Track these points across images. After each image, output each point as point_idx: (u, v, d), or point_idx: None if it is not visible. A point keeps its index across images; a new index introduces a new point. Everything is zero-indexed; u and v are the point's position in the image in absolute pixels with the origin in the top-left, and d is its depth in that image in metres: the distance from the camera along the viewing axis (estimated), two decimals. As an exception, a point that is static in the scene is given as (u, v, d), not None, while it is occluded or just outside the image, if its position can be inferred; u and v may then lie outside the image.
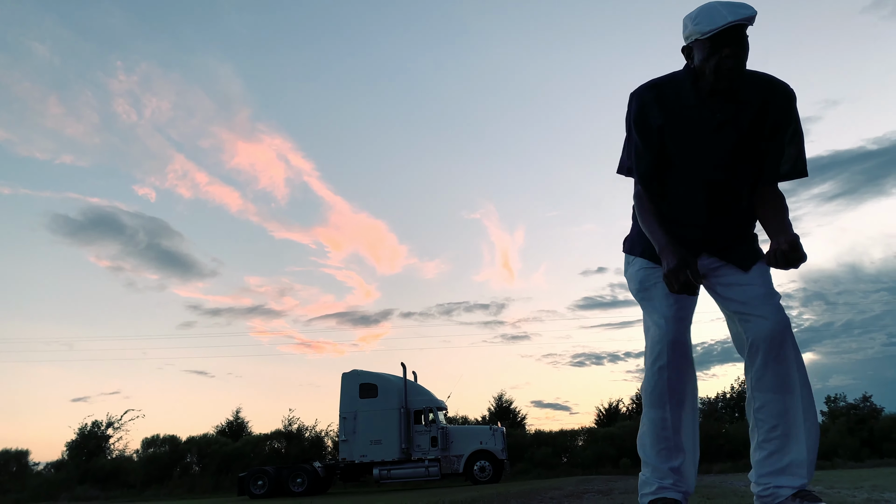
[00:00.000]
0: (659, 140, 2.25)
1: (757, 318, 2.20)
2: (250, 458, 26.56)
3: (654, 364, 2.24)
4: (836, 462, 23.86)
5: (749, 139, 2.20)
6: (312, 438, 28.60)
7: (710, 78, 2.10)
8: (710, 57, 2.07)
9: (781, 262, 2.05)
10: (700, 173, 2.24)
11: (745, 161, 2.22)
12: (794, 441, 2.18)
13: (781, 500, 2.14)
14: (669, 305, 2.26)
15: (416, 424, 18.39)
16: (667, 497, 2.19)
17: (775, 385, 2.19)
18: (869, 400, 28.82)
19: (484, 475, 17.67)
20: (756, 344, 2.20)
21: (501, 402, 31.68)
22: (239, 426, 31.11)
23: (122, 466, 27.86)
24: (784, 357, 2.17)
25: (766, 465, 2.21)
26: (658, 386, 2.23)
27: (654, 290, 2.32)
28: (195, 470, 27.79)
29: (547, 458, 26.49)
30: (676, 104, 2.21)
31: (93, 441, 29.09)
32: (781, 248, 2.03)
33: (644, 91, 2.27)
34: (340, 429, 18.63)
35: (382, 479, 17.84)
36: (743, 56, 2.08)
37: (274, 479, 17.68)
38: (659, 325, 2.24)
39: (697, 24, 2.06)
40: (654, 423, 2.26)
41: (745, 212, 2.31)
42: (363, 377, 18.94)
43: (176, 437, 28.89)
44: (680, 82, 2.23)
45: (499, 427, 18.76)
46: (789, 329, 2.19)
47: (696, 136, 2.21)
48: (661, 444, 2.24)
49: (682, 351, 2.23)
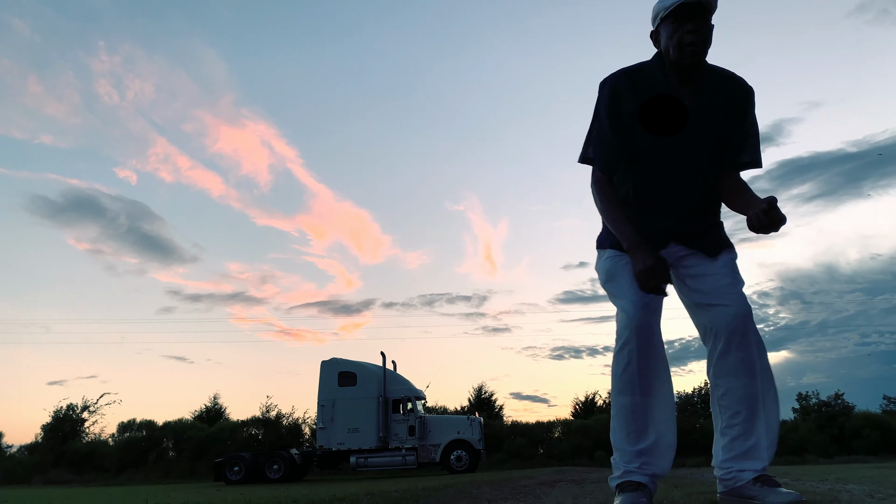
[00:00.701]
0: (630, 127, 2.30)
1: (720, 306, 2.27)
2: (227, 443, 26.47)
3: (622, 350, 2.26)
4: (807, 458, 24.27)
5: (716, 127, 2.29)
6: (290, 426, 28.57)
7: (674, 56, 2.21)
8: (673, 34, 2.18)
9: (765, 224, 2.11)
10: (670, 160, 2.31)
11: (712, 148, 2.32)
12: (756, 426, 2.24)
13: (743, 483, 2.20)
14: (636, 292, 2.28)
15: (395, 413, 18.42)
16: (632, 480, 2.23)
17: (738, 371, 2.25)
18: (840, 398, 29.33)
19: (460, 464, 17.77)
20: (719, 331, 2.26)
21: (481, 393, 31.85)
22: (216, 412, 30.98)
23: (97, 450, 27.66)
24: (747, 343, 2.24)
25: (729, 450, 2.27)
26: (626, 372, 2.25)
27: (621, 278, 2.34)
28: (171, 455, 27.67)
29: (523, 449, 26.70)
30: (650, 91, 2.28)
31: (68, 424, 28.86)
32: (762, 207, 2.10)
33: (618, 78, 2.33)
34: (318, 416, 18.62)
35: (359, 467, 17.88)
36: (705, 34, 2.19)
37: (250, 466, 17.66)
38: (626, 311, 2.26)
39: (661, 2, 2.21)
40: (623, 408, 2.28)
41: (710, 199, 2.40)
42: (342, 365, 18.94)
43: (153, 422, 28.75)
44: (651, 70, 2.31)
45: (476, 417, 18.85)
46: (751, 316, 2.26)
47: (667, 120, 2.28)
48: (628, 428, 2.27)
49: (649, 336, 2.25)
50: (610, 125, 2.32)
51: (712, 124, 2.29)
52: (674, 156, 2.30)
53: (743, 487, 2.20)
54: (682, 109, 2.24)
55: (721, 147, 2.33)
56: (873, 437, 26.21)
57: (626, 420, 2.28)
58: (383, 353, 18.92)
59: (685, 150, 2.30)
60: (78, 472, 25.79)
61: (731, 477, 2.25)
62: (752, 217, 2.15)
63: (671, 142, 2.28)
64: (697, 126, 2.28)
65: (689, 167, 2.32)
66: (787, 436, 27.53)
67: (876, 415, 28.60)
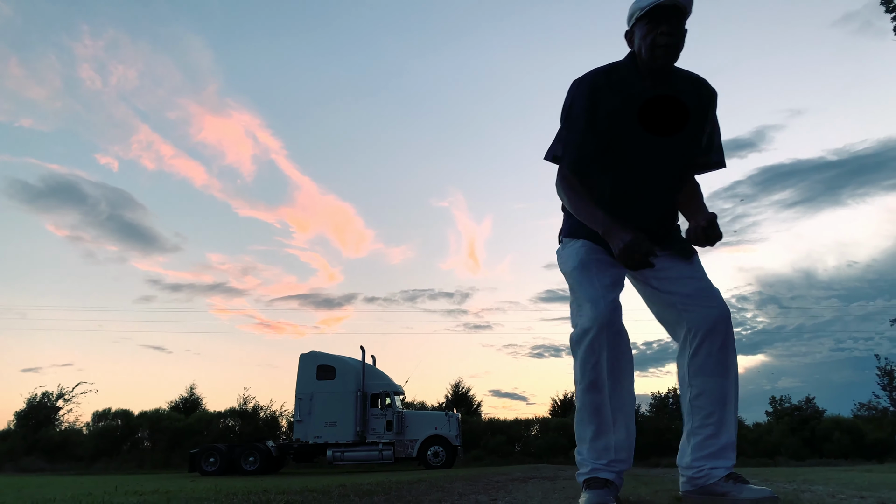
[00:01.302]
0: (607, 125, 2.30)
1: (703, 308, 2.29)
2: (203, 435, 26.32)
3: (591, 344, 2.20)
4: (779, 461, 24.60)
5: (686, 128, 2.32)
6: (267, 418, 28.45)
7: (646, 56, 2.23)
8: (647, 35, 2.21)
9: (701, 238, 2.20)
10: (644, 160, 2.33)
11: (683, 149, 2.35)
12: (726, 426, 2.29)
13: (714, 481, 2.23)
14: (606, 286, 2.28)
15: (373, 408, 18.39)
16: (599, 477, 2.24)
17: (715, 372, 2.28)
18: (812, 402, 29.76)
19: (437, 460, 17.81)
20: (701, 332, 2.28)
21: (458, 390, 31.92)
22: (193, 402, 30.77)
23: (71, 439, 27.39)
24: (727, 344, 2.28)
25: (701, 449, 2.30)
26: (596, 367, 2.21)
27: (592, 270, 2.33)
28: (146, 445, 27.46)
29: (500, 446, 26.82)
30: (625, 89, 2.30)
31: (42, 412, 28.52)
32: (701, 224, 2.19)
33: (596, 77, 2.33)
34: (296, 409, 18.56)
35: (336, 460, 17.85)
36: (678, 37, 2.21)
37: (226, 457, 17.55)
38: (595, 304, 2.21)
39: (637, 2, 2.22)
40: (590, 404, 2.25)
41: (675, 200, 2.44)
42: (321, 359, 18.88)
43: (129, 412, 28.50)
44: (625, 69, 2.33)
45: (454, 414, 18.88)
46: (730, 319, 2.31)
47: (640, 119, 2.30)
48: (595, 424, 2.26)
49: (618, 331, 2.23)
50: (585, 124, 2.32)
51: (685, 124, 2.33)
52: (648, 156, 2.32)
53: (714, 485, 2.23)
54: (679, 107, 2.28)
55: (690, 148, 2.36)
56: (843, 441, 26.65)
57: (593, 415, 2.25)
58: (363, 348, 18.93)
59: (659, 150, 2.32)
60: (51, 461, 25.49)
61: (702, 475, 2.27)
62: (690, 230, 2.23)
63: (646, 142, 2.30)
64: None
65: (662, 167, 2.34)
66: (760, 438, 27.89)
67: (846, 419, 29.08)
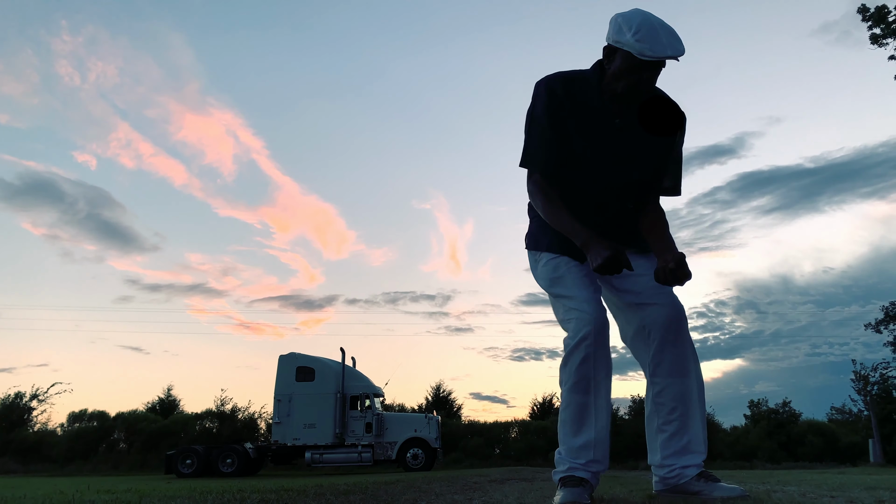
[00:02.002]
0: (564, 131, 2.27)
1: (654, 305, 2.31)
2: (180, 436, 26.04)
3: (579, 346, 2.21)
4: (756, 463, 24.87)
5: (643, 147, 2.29)
6: (246, 419, 28.23)
7: (621, 90, 2.18)
8: (631, 73, 2.13)
9: (670, 279, 2.14)
10: (596, 173, 2.31)
11: (637, 167, 2.32)
12: (691, 420, 2.30)
13: (687, 480, 2.25)
14: (589, 290, 2.30)
15: (352, 410, 18.32)
16: (575, 476, 2.25)
17: (672, 369, 2.31)
18: (788, 405, 30.15)
19: (416, 462, 17.78)
20: (654, 330, 2.31)
21: (439, 392, 31.89)
22: (170, 404, 30.44)
23: (45, 440, 26.99)
24: (681, 341, 2.30)
25: (668, 447, 2.32)
26: (582, 368, 2.23)
27: (568, 278, 2.34)
28: (122, 447, 27.11)
29: (480, 449, 26.84)
30: (582, 101, 2.27)
31: (15, 413, 28.06)
32: (669, 265, 2.13)
33: (554, 82, 2.29)
34: (275, 411, 18.43)
35: (314, 462, 17.75)
36: (655, 81, 2.18)
37: (203, 459, 17.39)
38: (584, 310, 2.23)
39: (639, 42, 2.05)
40: (575, 405, 2.27)
41: (634, 217, 2.40)
42: (300, 360, 18.78)
43: (105, 413, 28.15)
44: (586, 81, 2.28)
45: (434, 416, 18.85)
46: (684, 315, 2.32)
47: (596, 135, 2.27)
48: (578, 425, 2.28)
49: (606, 334, 2.25)
50: (550, 127, 2.28)
51: (642, 143, 2.28)
52: (601, 169, 2.30)
53: (687, 484, 2.25)
54: (612, 125, 2.25)
55: (648, 166, 2.33)
56: (817, 444, 27.02)
57: (577, 417, 2.28)
58: (343, 349, 18.85)
59: (613, 162, 2.29)
60: (24, 463, 25.08)
61: (674, 475, 2.29)
62: (658, 270, 2.17)
63: (599, 155, 2.28)
64: (627, 142, 2.28)
65: (618, 180, 2.32)
66: (738, 441, 28.19)
67: (821, 423, 29.53)
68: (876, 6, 15.04)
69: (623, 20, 2.13)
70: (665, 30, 2.07)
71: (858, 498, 2.28)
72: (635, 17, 2.10)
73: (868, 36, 15.43)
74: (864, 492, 2.66)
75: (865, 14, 15.28)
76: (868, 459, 25.37)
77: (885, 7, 14.86)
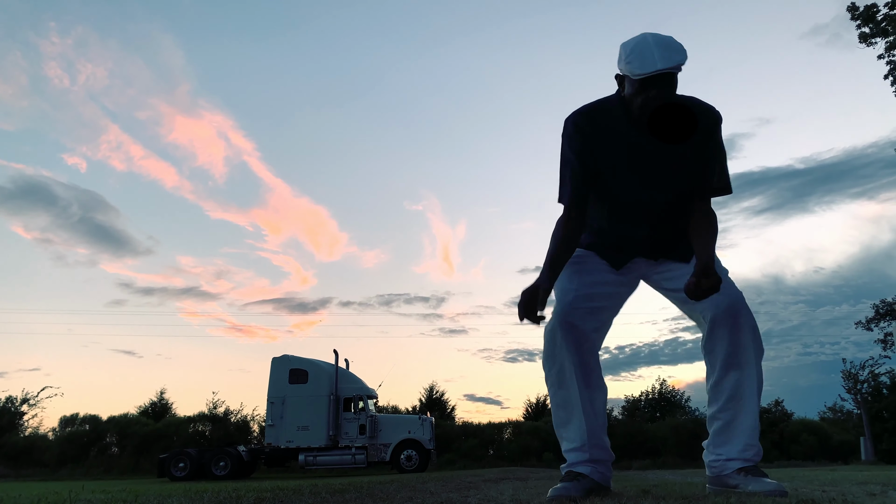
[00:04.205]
0: (594, 164, 2.29)
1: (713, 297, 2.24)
2: (173, 440, 25.92)
3: (549, 343, 2.37)
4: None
5: (678, 161, 2.27)
6: (239, 422, 28.13)
7: (635, 112, 2.16)
8: (637, 94, 2.11)
9: (698, 294, 2.11)
10: (634, 194, 2.32)
11: (676, 181, 2.30)
12: (744, 414, 2.28)
13: (728, 473, 2.26)
14: (570, 292, 2.37)
15: (346, 412, 18.31)
16: (573, 471, 2.33)
17: (729, 361, 2.27)
18: (780, 405, 30.32)
19: (410, 464, 17.77)
20: (710, 321, 2.28)
21: (432, 394, 31.88)
22: (163, 407, 30.30)
23: (37, 444, 26.81)
24: (738, 328, 2.24)
25: (718, 437, 2.32)
26: (556, 364, 2.36)
27: (560, 279, 2.41)
28: (114, 451, 26.96)
29: (474, 450, 26.84)
30: (608, 129, 2.26)
31: (6, 417, 27.90)
32: (691, 281, 2.11)
33: (578, 117, 2.29)
34: (268, 413, 18.40)
35: (308, 465, 17.72)
36: (671, 95, 2.11)
37: (196, 462, 17.33)
38: (557, 305, 2.36)
39: (629, 64, 2.06)
40: (558, 400, 2.39)
41: (680, 225, 2.39)
42: (293, 362, 18.75)
43: (97, 417, 27.98)
44: (611, 108, 2.27)
45: (428, 417, 18.87)
46: (742, 301, 2.26)
47: (625, 159, 2.27)
48: (562, 419, 2.40)
49: (575, 333, 2.33)
50: (576, 162, 2.30)
51: (676, 158, 2.26)
52: (638, 190, 2.31)
53: (727, 476, 2.26)
54: (643, 147, 2.24)
55: (688, 178, 2.31)
56: (810, 443, 27.16)
57: (560, 413, 2.41)
58: (336, 351, 18.83)
59: (649, 184, 2.30)
60: (14, 467, 24.92)
61: (717, 465, 2.30)
62: (687, 284, 2.14)
63: (634, 178, 2.29)
64: (660, 162, 2.26)
65: (658, 197, 2.32)
66: (729, 440, 28.20)
67: (813, 421, 29.68)
68: (865, 5, 15.13)
69: (622, 47, 2.14)
70: (661, 45, 2.04)
71: (850, 492, 2.31)
72: (631, 41, 2.11)
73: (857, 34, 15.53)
74: (855, 486, 2.69)
75: (854, 13, 15.37)
76: (860, 458, 25.53)
77: (874, 6, 14.95)
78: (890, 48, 15.22)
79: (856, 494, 2.18)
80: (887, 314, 27.96)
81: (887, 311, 27.98)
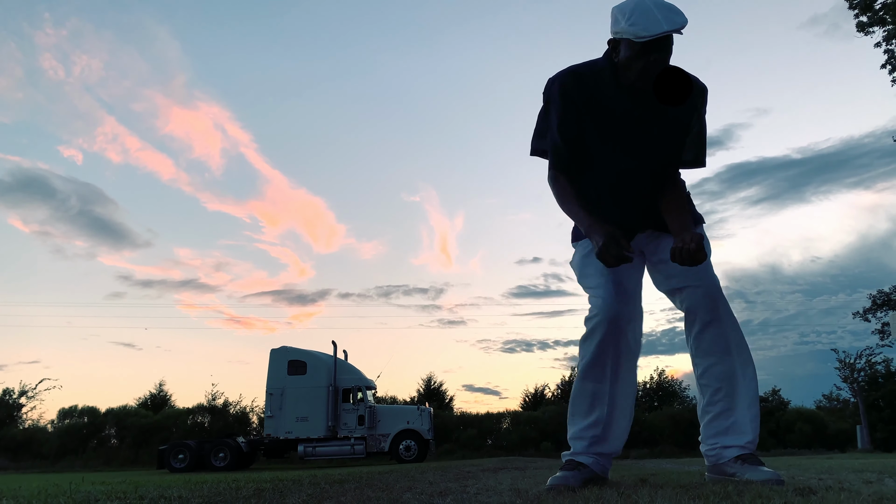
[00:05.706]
0: (577, 129, 2.28)
1: (688, 288, 2.30)
2: (172, 431, 25.97)
3: (590, 336, 2.31)
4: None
5: (665, 129, 2.28)
6: (237, 414, 28.18)
7: (633, 77, 2.14)
8: (637, 58, 2.08)
9: (687, 260, 2.11)
10: (616, 162, 2.31)
11: (661, 150, 2.31)
12: (736, 402, 2.29)
13: (725, 461, 2.27)
14: (607, 280, 2.32)
15: (345, 403, 18.34)
16: (574, 460, 2.34)
17: (712, 349, 2.30)
18: (777, 393, 30.43)
19: (409, 454, 17.82)
20: (692, 311, 2.31)
21: (430, 384, 31.95)
22: (162, 399, 30.35)
23: (35, 437, 26.84)
24: (718, 319, 2.28)
25: (712, 427, 2.33)
26: (592, 358, 2.32)
27: (590, 268, 2.38)
28: (113, 443, 27.01)
29: (472, 440, 26.92)
30: (596, 93, 2.24)
31: (4, 410, 27.92)
32: (688, 246, 2.10)
33: (565, 77, 2.27)
34: (266, 405, 18.43)
35: (307, 455, 17.77)
36: (668, 60, 2.11)
37: (195, 453, 17.35)
38: (599, 298, 2.30)
39: (633, 26, 2.02)
40: (581, 392, 2.37)
41: (657, 197, 2.40)
42: (292, 354, 18.76)
43: (95, 409, 28.00)
44: (600, 72, 2.24)
45: (426, 408, 18.91)
46: (720, 292, 2.28)
47: (613, 125, 2.26)
48: (582, 411, 2.37)
49: (619, 324, 2.30)
50: (562, 121, 2.28)
51: (661, 127, 2.27)
52: (621, 157, 2.30)
53: (725, 465, 2.26)
54: (629, 114, 2.23)
55: (669, 147, 2.32)
56: (806, 431, 27.28)
57: (582, 404, 2.37)
58: (334, 343, 18.84)
59: (633, 150, 2.29)
60: (14, 459, 24.98)
61: (714, 453, 2.31)
62: (675, 249, 2.13)
63: (618, 144, 2.28)
64: (646, 129, 2.26)
65: (639, 166, 2.32)
66: (726, 429, 28.31)
67: (809, 410, 29.80)
68: (863, -6, 15.09)
69: (618, 10, 2.12)
70: (661, 6, 2.02)
71: (846, 480, 2.32)
72: (629, 4, 2.08)
73: (855, 23, 15.51)
74: (851, 474, 2.71)
75: (853, 2, 15.34)
76: (856, 446, 25.67)
77: (872, -6, 14.92)
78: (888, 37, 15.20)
79: (852, 482, 2.19)
80: (884, 304, 28.04)
81: (884, 301, 28.05)
